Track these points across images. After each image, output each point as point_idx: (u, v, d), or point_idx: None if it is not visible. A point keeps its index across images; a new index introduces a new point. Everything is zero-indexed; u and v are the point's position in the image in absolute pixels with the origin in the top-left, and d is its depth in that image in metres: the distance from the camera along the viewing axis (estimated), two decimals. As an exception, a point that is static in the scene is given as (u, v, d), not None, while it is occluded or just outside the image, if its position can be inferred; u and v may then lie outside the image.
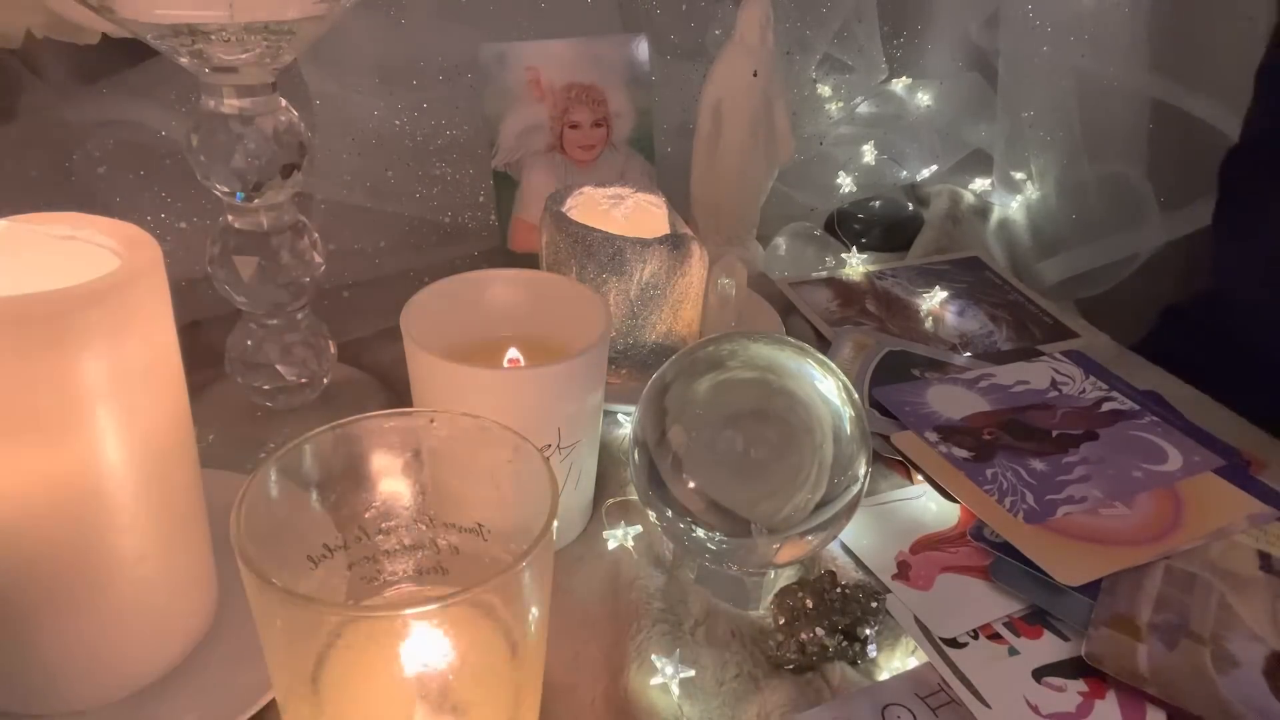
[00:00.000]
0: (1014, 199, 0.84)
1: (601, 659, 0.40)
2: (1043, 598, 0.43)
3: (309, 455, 0.32)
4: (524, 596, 0.29)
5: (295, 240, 0.48)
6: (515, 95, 0.67)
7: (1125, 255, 0.78)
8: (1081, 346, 0.65)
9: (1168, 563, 0.45)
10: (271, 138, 0.44)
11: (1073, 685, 0.40)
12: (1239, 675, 0.40)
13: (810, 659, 0.40)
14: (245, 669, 0.37)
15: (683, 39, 0.78)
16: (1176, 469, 0.51)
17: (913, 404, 0.56)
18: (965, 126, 0.87)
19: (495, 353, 0.46)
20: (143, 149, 0.60)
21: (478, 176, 0.70)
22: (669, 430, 0.41)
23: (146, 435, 0.34)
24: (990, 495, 0.48)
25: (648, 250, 0.53)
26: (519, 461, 0.32)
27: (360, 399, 0.54)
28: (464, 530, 0.35)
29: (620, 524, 0.47)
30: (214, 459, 0.45)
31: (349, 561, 0.34)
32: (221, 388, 0.53)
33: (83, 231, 0.35)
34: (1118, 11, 0.76)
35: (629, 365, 0.56)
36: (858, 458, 0.40)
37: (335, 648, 0.30)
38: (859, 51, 0.84)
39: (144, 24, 0.40)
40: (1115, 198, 0.78)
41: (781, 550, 0.40)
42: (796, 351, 0.42)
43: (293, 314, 0.50)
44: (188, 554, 0.37)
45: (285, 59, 0.43)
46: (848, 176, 0.82)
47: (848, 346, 0.62)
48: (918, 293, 0.70)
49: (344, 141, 0.66)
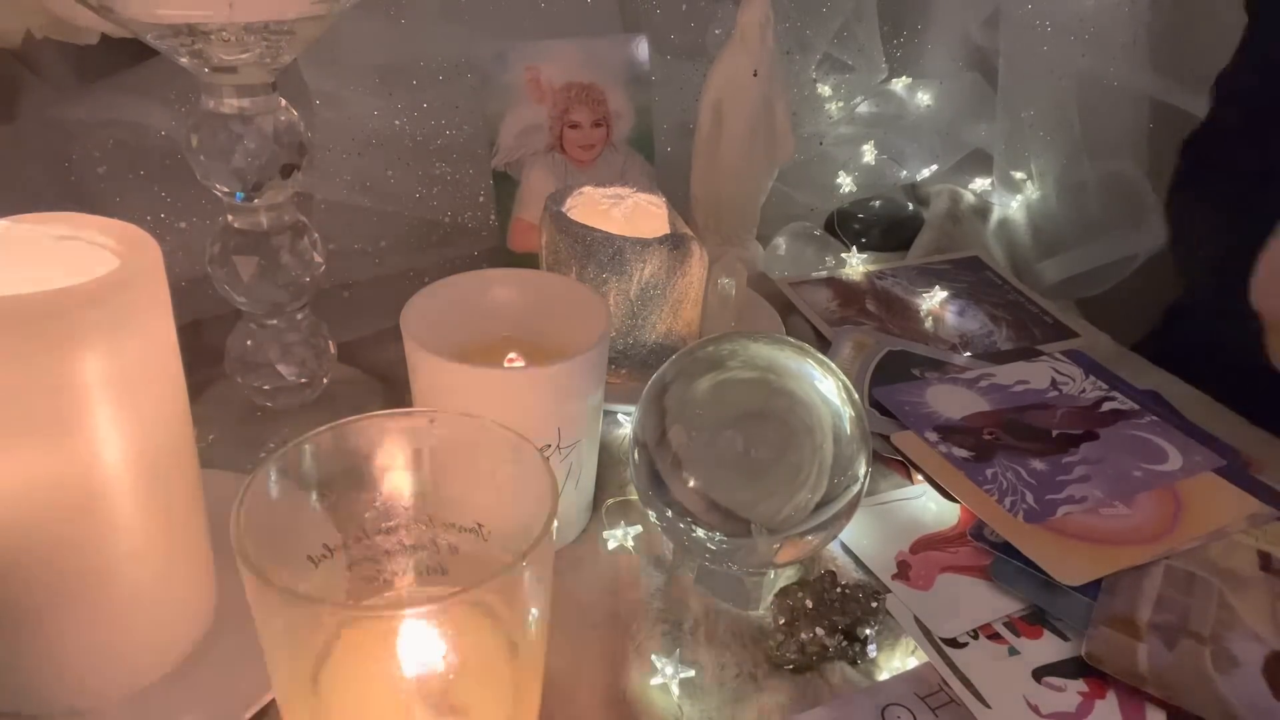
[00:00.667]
0: (1014, 199, 0.84)
1: (601, 659, 0.40)
2: (1043, 598, 0.43)
3: (309, 455, 0.32)
4: (524, 596, 0.29)
5: (295, 240, 0.48)
6: (515, 95, 0.67)
7: (1125, 255, 0.78)
8: (1081, 346, 0.65)
9: (1168, 563, 0.45)
10: (271, 138, 0.44)
11: (1073, 685, 0.40)
12: (1239, 675, 0.40)
13: (810, 659, 0.40)
14: (245, 669, 0.37)
15: (683, 39, 0.78)
16: (1176, 469, 0.51)
17: (913, 404, 0.56)
18: (965, 126, 0.87)
19: (495, 353, 0.46)
20: (143, 149, 0.60)
21: (478, 176, 0.70)
22: (669, 430, 0.41)
23: (146, 435, 0.34)
24: (990, 495, 0.48)
25: (648, 250, 0.53)
26: (519, 461, 0.32)
27: (360, 399, 0.54)
28: (464, 530, 0.35)
29: (620, 524, 0.47)
30: (214, 459, 0.45)
31: (349, 561, 0.34)
32: (221, 388, 0.53)
33: (83, 231, 0.35)
34: (1118, 11, 0.76)
35: (629, 365, 0.56)
36: (858, 458, 0.40)
37: (335, 648, 0.30)
38: (859, 51, 0.84)
39: (144, 24, 0.40)
40: (1115, 198, 0.78)
41: (781, 550, 0.40)
42: (796, 351, 0.42)
43: (293, 314, 0.50)
44: (188, 554, 0.37)
45: (285, 59, 0.43)
46: (848, 176, 0.82)
47: (848, 346, 0.62)
48: (918, 293, 0.70)
49: (344, 141, 0.66)
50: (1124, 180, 0.78)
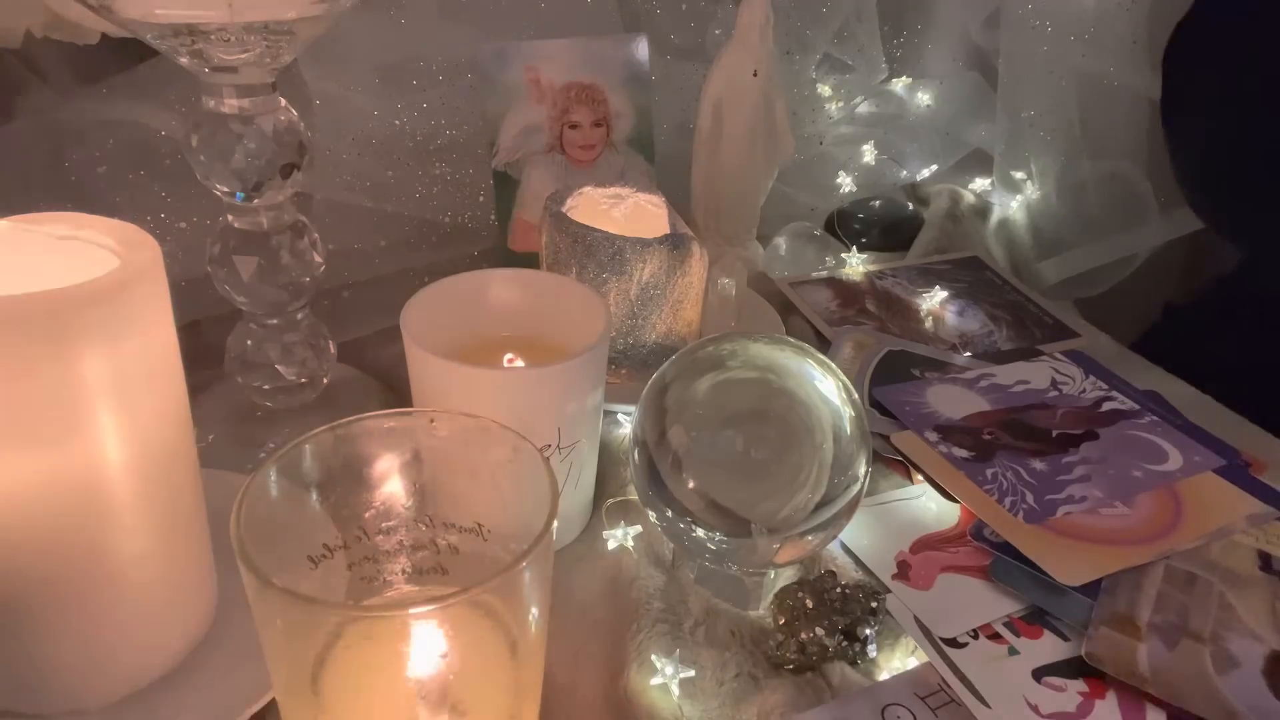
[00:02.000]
0: (1014, 199, 0.84)
1: (601, 659, 0.40)
2: (1043, 598, 0.43)
3: (309, 455, 0.32)
4: (524, 596, 0.29)
5: (295, 240, 0.48)
6: (515, 95, 0.67)
7: (1125, 255, 0.78)
8: (1081, 346, 0.65)
9: (1168, 563, 0.45)
10: (271, 138, 0.44)
11: (1073, 685, 0.40)
12: (1239, 675, 0.40)
13: (810, 659, 0.40)
14: (245, 669, 0.37)
15: (683, 39, 0.78)
16: (1176, 469, 0.51)
17: (913, 404, 0.56)
18: (965, 126, 0.87)
19: (495, 353, 0.46)
20: (143, 149, 0.60)
21: (478, 176, 0.70)
22: (669, 430, 0.41)
23: (146, 435, 0.34)
24: (990, 495, 0.48)
25: (648, 250, 0.53)
26: (519, 461, 0.32)
27: (360, 399, 0.54)
28: (464, 530, 0.35)
29: (620, 524, 0.47)
30: (214, 459, 0.45)
31: (349, 561, 0.34)
32: (221, 388, 0.53)
33: (83, 231, 0.35)
34: (1118, 11, 0.76)
35: (629, 365, 0.56)
36: (858, 458, 0.40)
37: (335, 648, 0.30)
38: (859, 51, 0.84)
39: (144, 24, 0.40)
40: (1115, 198, 0.78)
41: (781, 550, 0.40)
42: (796, 351, 0.42)
43: (293, 314, 0.50)
44: (188, 554, 0.37)
45: (285, 59, 0.43)
46: (848, 176, 0.82)
47: (848, 346, 0.62)
48: (918, 293, 0.70)
49: (344, 141, 0.66)
50: (1124, 180, 0.78)
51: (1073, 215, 0.80)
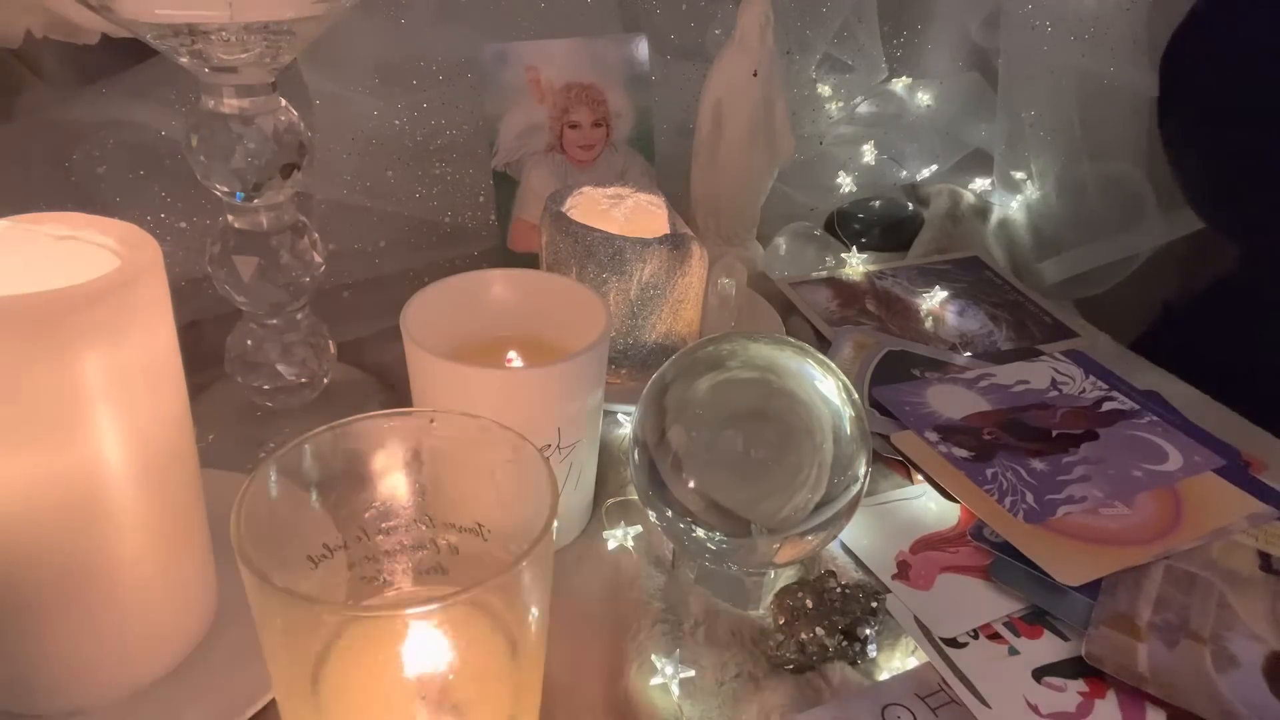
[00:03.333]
0: (1014, 199, 0.84)
1: (601, 659, 0.40)
2: (1043, 598, 0.43)
3: (309, 455, 0.32)
4: (524, 596, 0.29)
5: (295, 240, 0.48)
6: (515, 95, 0.67)
7: (1125, 255, 0.78)
8: (1081, 346, 0.65)
9: (1168, 563, 0.45)
10: (271, 138, 0.44)
11: (1073, 685, 0.40)
12: (1239, 675, 0.40)
13: (810, 659, 0.40)
14: (245, 669, 0.37)
15: (683, 39, 0.78)
16: (1176, 469, 0.51)
17: (913, 404, 0.56)
18: (965, 126, 0.87)
19: (495, 353, 0.46)
20: (143, 149, 0.60)
21: (478, 176, 0.70)
22: (669, 430, 0.41)
23: (146, 435, 0.34)
24: (990, 495, 0.48)
25: (648, 250, 0.53)
26: (519, 461, 0.32)
27: (360, 399, 0.54)
28: (464, 530, 0.35)
29: (620, 524, 0.47)
30: (214, 459, 0.45)
31: (349, 561, 0.34)
32: (221, 388, 0.53)
33: (83, 231, 0.35)
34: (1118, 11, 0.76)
35: (629, 365, 0.56)
36: (858, 458, 0.40)
37: (335, 648, 0.30)
38: (859, 51, 0.84)
39: (144, 24, 0.40)
40: (1115, 198, 0.78)
41: (781, 550, 0.40)
42: (796, 351, 0.42)
43: (293, 314, 0.50)
44: (187, 554, 0.37)
45: (285, 59, 0.43)
46: (848, 176, 0.82)
47: (848, 346, 0.62)
48: (918, 293, 0.70)
49: (344, 141, 0.66)
50: (1124, 180, 0.78)
51: (1073, 215, 0.80)
